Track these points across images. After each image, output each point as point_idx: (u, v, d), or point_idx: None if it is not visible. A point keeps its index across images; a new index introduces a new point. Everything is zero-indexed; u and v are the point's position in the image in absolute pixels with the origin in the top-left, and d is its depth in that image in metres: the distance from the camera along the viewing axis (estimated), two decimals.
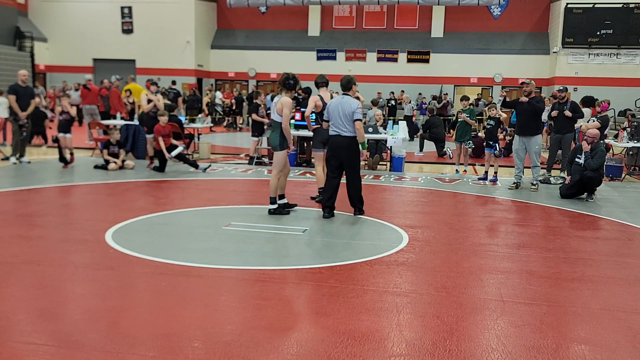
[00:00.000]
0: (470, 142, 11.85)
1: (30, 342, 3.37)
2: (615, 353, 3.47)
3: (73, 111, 11.17)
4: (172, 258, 5.08)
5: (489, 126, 10.73)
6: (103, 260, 5.04)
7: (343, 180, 7.21)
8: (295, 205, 7.46)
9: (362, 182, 7.30)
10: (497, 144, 10.63)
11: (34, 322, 3.70)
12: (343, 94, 7.15)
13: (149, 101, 11.70)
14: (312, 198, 8.13)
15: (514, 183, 9.86)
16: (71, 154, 10.87)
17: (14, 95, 10.90)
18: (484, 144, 11.01)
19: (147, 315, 3.87)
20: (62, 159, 10.76)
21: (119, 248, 5.38)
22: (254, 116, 12.21)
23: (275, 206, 7.08)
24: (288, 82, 7.03)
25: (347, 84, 7.13)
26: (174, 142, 10.61)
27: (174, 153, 10.45)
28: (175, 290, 4.33)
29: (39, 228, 6.13)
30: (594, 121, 10.59)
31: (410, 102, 23.21)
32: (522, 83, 9.83)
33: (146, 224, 6.50)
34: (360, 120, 6.97)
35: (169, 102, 14.43)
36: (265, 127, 11.93)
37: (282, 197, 7.28)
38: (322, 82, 8.03)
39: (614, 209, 8.27)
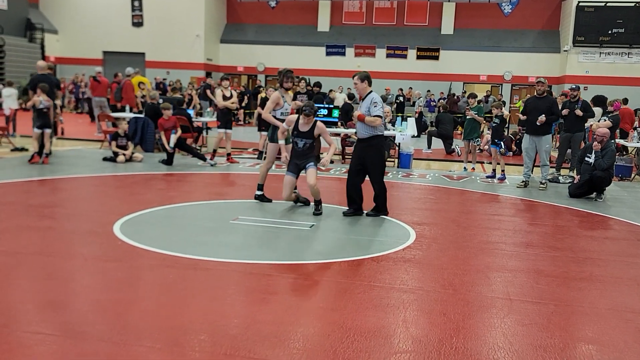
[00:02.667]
0: (479, 139, 11.81)
1: (38, 332, 3.39)
2: (623, 353, 3.45)
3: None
4: (180, 251, 5.09)
5: (494, 124, 10.71)
6: (111, 252, 5.06)
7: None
8: (270, 200, 7.59)
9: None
10: (502, 142, 10.63)
11: (42, 312, 3.72)
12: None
13: (225, 97, 11.36)
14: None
15: (523, 181, 9.82)
16: (46, 154, 10.03)
17: None
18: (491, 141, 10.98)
19: (154, 307, 3.88)
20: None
21: (127, 240, 5.40)
22: (260, 110, 12.24)
23: (260, 192, 7.58)
24: (280, 78, 7.56)
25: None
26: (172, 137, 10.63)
27: (172, 143, 10.48)
28: (182, 283, 4.34)
29: (48, 219, 6.17)
30: (605, 120, 10.52)
31: (419, 98, 23.14)
32: (539, 82, 9.67)
33: (154, 216, 6.52)
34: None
35: (178, 96, 14.48)
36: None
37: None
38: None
39: (623, 209, 8.22)
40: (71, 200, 7.46)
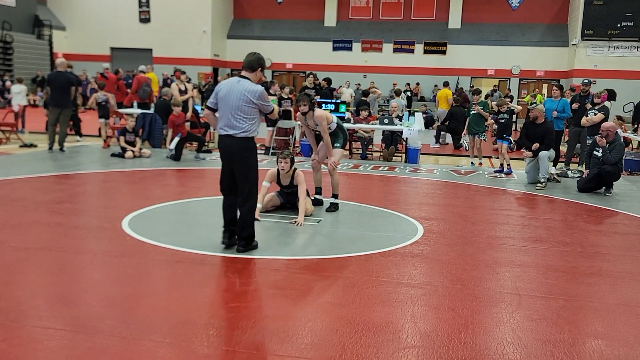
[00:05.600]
0: (484, 134, 11.79)
1: (48, 327, 3.41)
2: (633, 349, 3.44)
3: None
4: (188, 246, 5.11)
5: (502, 120, 10.67)
6: (120, 247, 5.09)
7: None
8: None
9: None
10: (510, 137, 10.61)
11: (52, 307, 3.75)
12: (241, 76, 5.03)
13: (181, 92, 12.10)
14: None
15: (541, 183, 9.51)
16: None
17: None
18: (499, 136, 10.96)
19: (163, 302, 3.90)
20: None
21: (136, 236, 5.42)
22: None
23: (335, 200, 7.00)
24: (296, 103, 7.01)
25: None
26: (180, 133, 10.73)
27: (172, 144, 10.45)
28: (191, 278, 4.36)
29: (57, 215, 6.20)
30: (594, 114, 10.24)
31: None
32: (537, 110, 9.39)
33: (162, 212, 6.54)
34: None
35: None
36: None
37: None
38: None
39: (632, 204, 8.17)
40: (80, 196, 7.49)
